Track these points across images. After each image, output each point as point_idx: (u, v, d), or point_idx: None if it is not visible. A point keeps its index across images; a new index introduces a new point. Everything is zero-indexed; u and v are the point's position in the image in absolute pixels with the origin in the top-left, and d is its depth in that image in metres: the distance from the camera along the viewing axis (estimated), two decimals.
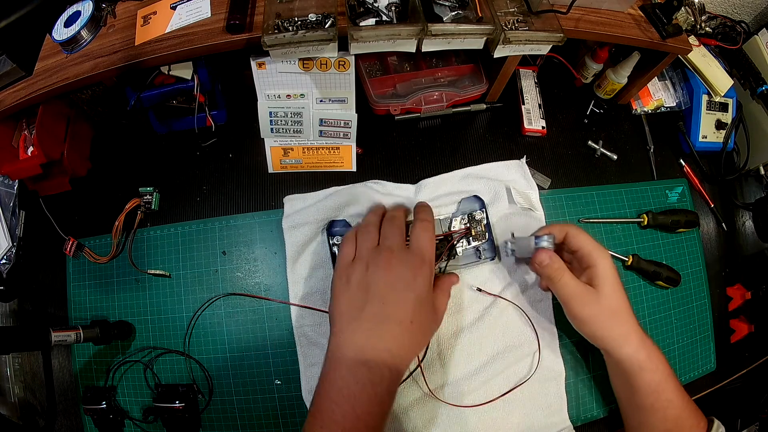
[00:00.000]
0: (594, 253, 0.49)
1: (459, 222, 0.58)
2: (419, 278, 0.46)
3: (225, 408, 0.56)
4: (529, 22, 0.54)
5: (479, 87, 0.65)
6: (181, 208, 0.61)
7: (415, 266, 0.47)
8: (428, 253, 0.48)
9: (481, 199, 0.60)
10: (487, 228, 0.58)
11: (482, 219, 0.58)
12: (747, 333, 0.67)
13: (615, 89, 0.69)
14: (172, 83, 0.57)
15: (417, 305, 0.45)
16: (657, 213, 0.65)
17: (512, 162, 0.64)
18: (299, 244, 0.58)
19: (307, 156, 0.63)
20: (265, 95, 0.59)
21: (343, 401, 0.42)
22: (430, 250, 0.48)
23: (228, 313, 0.57)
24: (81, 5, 0.55)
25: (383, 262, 0.46)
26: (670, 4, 0.57)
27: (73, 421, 0.58)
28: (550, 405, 0.57)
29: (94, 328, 0.54)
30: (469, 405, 0.54)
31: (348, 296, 0.47)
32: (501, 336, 0.57)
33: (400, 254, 0.47)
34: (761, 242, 0.70)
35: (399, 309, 0.45)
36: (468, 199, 0.60)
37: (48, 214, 0.61)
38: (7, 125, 0.58)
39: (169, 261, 0.59)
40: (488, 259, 0.58)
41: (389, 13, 0.52)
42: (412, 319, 0.45)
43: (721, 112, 0.71)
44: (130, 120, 0.63)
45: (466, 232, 0.58)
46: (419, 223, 0.51)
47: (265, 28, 0.49)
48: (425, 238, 0.49)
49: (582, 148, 0.68)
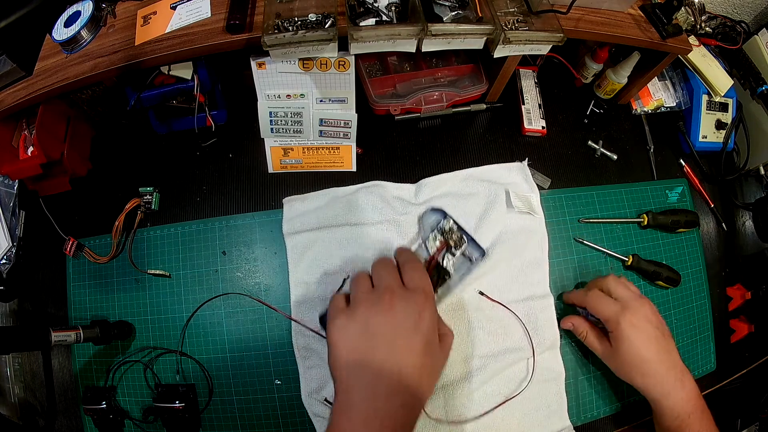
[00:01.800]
0: (610, 321, 0.52)
1: (433, 241, 0.56)
2: (425, 316, 0.43)
3: (225, 408, 0.56)
4: (529, 22, 0.54)
5: (479, 87, 0.65)
6: (181, 208, 0.61)
7: (418, 303, 0.43)
8: (427, 287, 0.46)
9: (438, 209, 0.58)
10: (461, 231, 0.56)
11: (452, 226, 0.56)
12: (747, 333, 0.67)
13: (615, 89, 0.69)
14: (172, 83, 0.57)
15: (426, 347, 0.42)
16: (657, 213, 0.65)
17: (514, 164, 0.64)
18: (300, 248, 0.58)
19: (307, 156, 0.63)
20: (265, 95, 0.59)
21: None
22: (427, 283, 0.46)
23: (228, 313, 0.57)
24: (81, 5, 0.55)
25: (385, 304, 0.42)
26: (670, 4, 0.57)
27: (73, 421, 0.58)
28: (550, 405, 0.57)
29: (94, 328, 0.54)
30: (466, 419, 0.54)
31: (350, 344, 0.42)
32: (501, 338, 0.57)
33: (401, 293, 0.44)
34: (761, 242, 0.70)
35: (409, 355, 0.41)
36: (426, 216, 0.58)
37: (48, 214, 0.61)
38: (7, 125, 0.58)
39: (169, 261, 0.59)
40: (479, 258, 0.56)
41: (389, 13, 0.52)
42: (423, 363, 0.42)
43: (721, 112, 0.71)
44: (130, 120, 0.63)
45: (445, 246, 0.56)
46: (406, 265, 0.48)
47: (265, 28, 0.49)
48: (419, 275, 0.46)
49: (582, 148, 0.68)
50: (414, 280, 0.46)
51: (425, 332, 0.43)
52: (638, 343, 0.51)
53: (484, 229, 0.60)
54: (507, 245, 0.59)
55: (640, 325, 0.51)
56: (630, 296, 0.53)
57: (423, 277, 0.47)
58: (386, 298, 0.43)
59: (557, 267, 0.61)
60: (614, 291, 0.54)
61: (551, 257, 0.61)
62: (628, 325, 0.51)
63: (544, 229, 0.62)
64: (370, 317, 0.42)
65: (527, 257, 0.60)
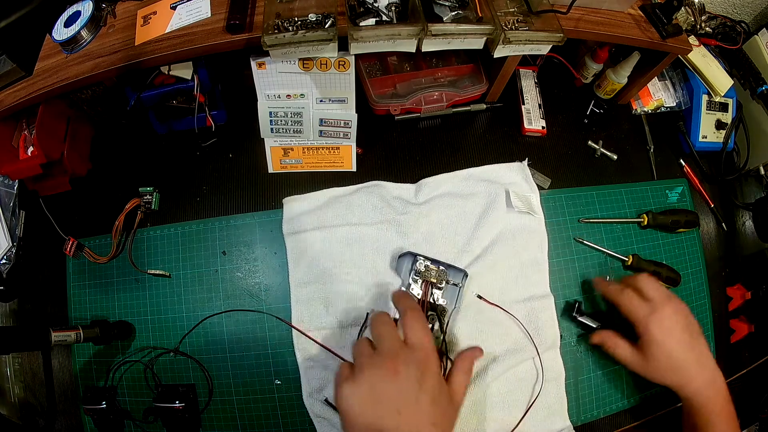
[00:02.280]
0: (639, 324, 0.53)
1: (415, 285, 0.55)
2: (428, 375, 0.43)
3: (225, 408, 0.56)
4: (529, 22, 0.54)
5: (479, 87, 0.65)
6: (181, 208, 0.61)
7: (420, 362, 0.43)
8: (428, 343, 0.45)
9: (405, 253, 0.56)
10: (435, 263, 0.55)
11: (426, 265, 0.55)
12: (747, 333, 0.67)
13: (615, 89, 0.69)
14: (172, 83, 0.57)
15: (434, 405, 0.42)
16: (657, 213, 0.65)
17: (514, 164, 0.64)
18: (300, 248, 0.58)
19: (307, 156, 0.63)
20: (265, 95, 0.59)
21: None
22: (428, 339, 0.45)
23: (228, 314, 0.57)
24: (81, 5, 0.55)
25: (388, 368, 0.42)
26: (670, 4, 0.57)
27: (73, 421, 0.58)
28: (551, 406, 0.57)
29: (94, 328, 0.54)
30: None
31: (359, 410, 0.42)
32: (502, 340, 0.57)
33: (404, 355, 0.43)
34: (761, 242, 0.70)
35: (418, 416, 0.41)
36: (398, 264, 0.56)
37: (48, 214, 0.61)
38: (7, 125, 0.58)
39: (169, 261, 0.59)
40: (465, 279, 0.55)
41: (389, 13, 0.52)
42: (434, 421, 0.42)
43: (721, 112, 0.71)
44: (130, 120, 0.63)
45: (428, 285, 0.55)
46: (407, 314, 0.47)
47: (265, 28, 0.49)
48: (419, 328, 0.45)
49: (582, 148, 0.68)
50: (414, 332, 0.45)
51: (430, 390, 0.42)
52: (667, 344, 0.51)
53: (483, 229, 0.60)
54: (507, 245, 0.59)
55: (669, 327, 0.52)
56: (660, 297, 0.53)
57: (423, 329, 0.46)
58: (388, 363, 0.43)
59: (557, 267, 0.61)
60: (645, 290, 0.54)
61: (551, 257, 0.61)
62: (657, 327, 0.52)
63: (544, 229, 0.62)
64: (375, 383, 0.42)
65: (527, 257, 0.60)
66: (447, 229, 0.60)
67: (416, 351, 0.44)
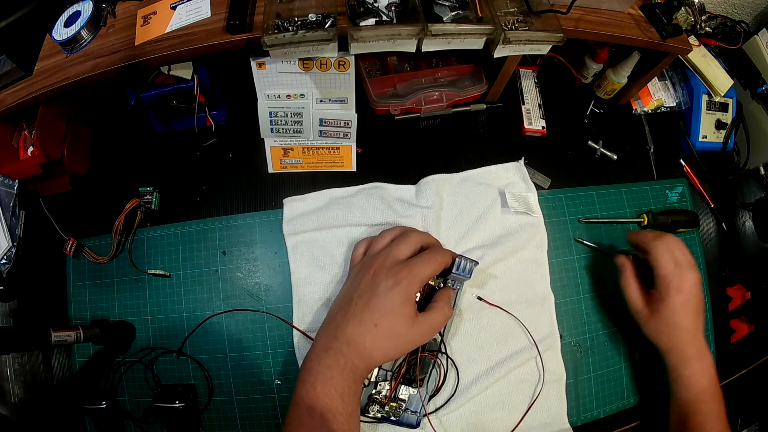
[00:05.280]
0: (662, 279, 0.53)
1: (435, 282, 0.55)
2: (395, 289, 0.47)
3: (225, 408, 0.56)
4: (529, 22, 0.54)
5: (479, 87, 0.65)
6: (181, 208, 0.61)
7: (397, 276, 0.47)
8: (417, 270, 0.48)
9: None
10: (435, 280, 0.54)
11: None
12: (747, 333, 0.67)
13: (615, 89, 0.69)
14: (172, 83, 0.57)
15: (386, 312, 0.46)
16: (657, 213, 0.65)
17: (511, 164, 0.64)
18: (301, 249, 0.58)
19: (307, 156, 0.63)
20: (265, 95, 0.59)
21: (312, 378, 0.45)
22: (421, 268, 0.48)
23: (228, 313, 0.57)
24: (81, 5, 0.55)
25: (372, 268, 0.49)
26: (670, 4, 0.57)
27: (73, 421, 0.58)
28: (550, 407, 0.57)
29: (94, 328, 0.54)
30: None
31: (342, 293, 0.52)
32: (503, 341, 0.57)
33: (391, 263, 0.49)
34: (761, 242, 0.70)
35: (366, 311, 0.47)
36: None
37: (48, 214, 0.61)
38: (7, 125, 0.58)
39: (169, 261, 0.59)
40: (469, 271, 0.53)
41: (389, 13, 0.52)
42: (377, 323, 0.46)
43: (721, 112, 0.71)
44: (130, 120, 0.63)
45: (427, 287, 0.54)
46: (431, 249, 0.52)
47: (265, 28, 0.49)
48: (425, 260, 0.49)
49: (582, 148, 0.68)
50: (417, 258, 0.50)
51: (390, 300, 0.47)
52: (679, 311, 0.52)
53: (483, 230, 0.60)
54: (506, 246, 0.59)
55: (686, 295, 0.52)
56: (686, 263, 0.53)
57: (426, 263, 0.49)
58: (378, 262, 0.50)
59: (557, 267, 0.61)
60: (676, 251, 0.54)
61: (551, 257, 0.61)
62: (676, 288, 0.52)
63: (543, 229, 0.62)
64: (360, 276, 0.50)
65: (527, 258, 0.60)
66: (447, 230, 0.60)
67: (403, 267, 0.48)
